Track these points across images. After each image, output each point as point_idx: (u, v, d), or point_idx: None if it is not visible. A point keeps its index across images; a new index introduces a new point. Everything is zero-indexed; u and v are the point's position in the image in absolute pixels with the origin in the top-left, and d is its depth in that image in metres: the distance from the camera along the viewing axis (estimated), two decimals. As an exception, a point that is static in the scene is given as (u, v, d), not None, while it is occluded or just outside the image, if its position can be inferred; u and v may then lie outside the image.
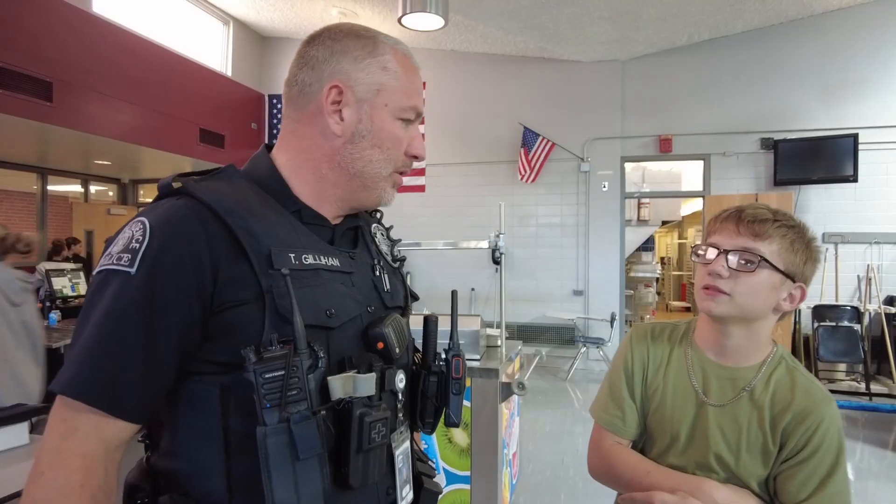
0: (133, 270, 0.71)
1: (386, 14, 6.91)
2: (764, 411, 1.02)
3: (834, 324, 5.93)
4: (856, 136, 6.13)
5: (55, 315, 4.86)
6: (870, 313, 6.03)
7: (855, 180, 6.13)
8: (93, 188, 9.04)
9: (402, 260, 1.02)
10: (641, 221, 9.60)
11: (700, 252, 1.05)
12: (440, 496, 0.99)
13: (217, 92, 7.53)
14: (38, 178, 7.70)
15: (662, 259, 14.37)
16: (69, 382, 0.69)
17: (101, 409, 0.69)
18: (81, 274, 5.47)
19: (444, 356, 0.96)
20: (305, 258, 0.79)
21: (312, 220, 0.86)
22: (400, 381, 0.85)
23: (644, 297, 10.04)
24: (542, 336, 7.15)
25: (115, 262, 0.72)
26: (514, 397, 3.08)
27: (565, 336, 7.19)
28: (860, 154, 6.11)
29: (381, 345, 0.82)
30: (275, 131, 8.43)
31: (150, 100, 6.37)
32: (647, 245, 10.44)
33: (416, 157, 0.90)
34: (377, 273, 0.92)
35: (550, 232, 7.44)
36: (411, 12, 4.59)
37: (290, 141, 0.88)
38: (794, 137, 6.43)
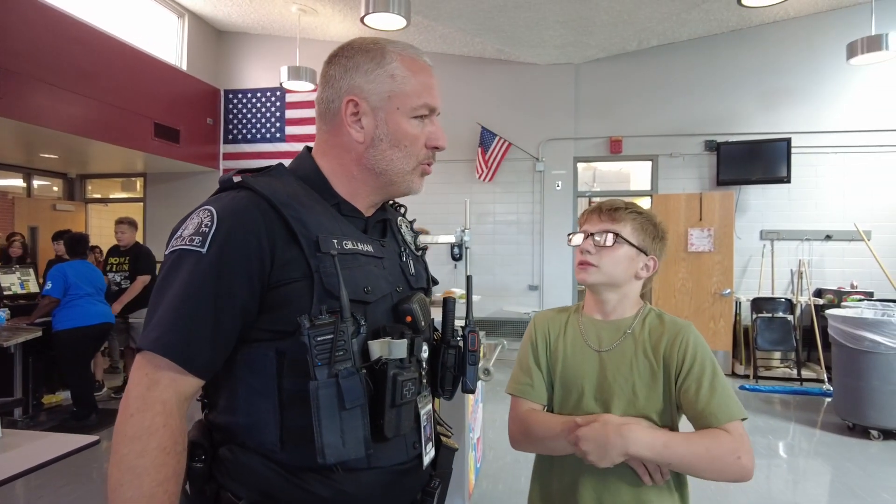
0: (204, 251, 0.84)
1: (347, 12, 6.94)
2: (644, 343, 1.24)
3: (770, 315, 6.35)
4: (789, 140, 6.57)
5: (3, 313, 4.70)
6: (801, 305, 6.48)
7: (788, 181, 6.58)
8: (36, 183, 8.69)
9: (424, 249, 1.16)
10: (593, 219, 9.95)
11: (572, 237, 1.33)
12: (456, 452, 1.13)
13: (172, 86, 7.39)
14: (-23, 172, 7.35)
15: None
16: (155, 341, 0.82)
17: (179, 364, 0.82)
18: (31, 271, 5.30)
19: (461, 332, 1.09)
20: (346, 244, 0.92)
21: (349, 213, 1.00)
22: (424, 351, 0.99)
23: (595, 293, 10.41)
24: (499, 329, 7.34)
25: (187, 243, 0.86)
26: (479, 383, 3.23)
27: (521, 329, 7.40)
28: (793, 157, 6.56)
29: (409, 318, 0.96)
30: (231, 126, 8.32)
31: (102, 92, 6.21)
32: (598, 242, 10.81)
33: (437, 148, 1.02)
34: (404, 259, 1.07)
35: (507, 229, 7.65)
36: (374, 12, 4.67)
37: (324, 149, 1.02)
38: (734, 140, 6.85)
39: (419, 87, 0.98)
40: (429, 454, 1.02)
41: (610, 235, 1.25)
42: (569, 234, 1.36)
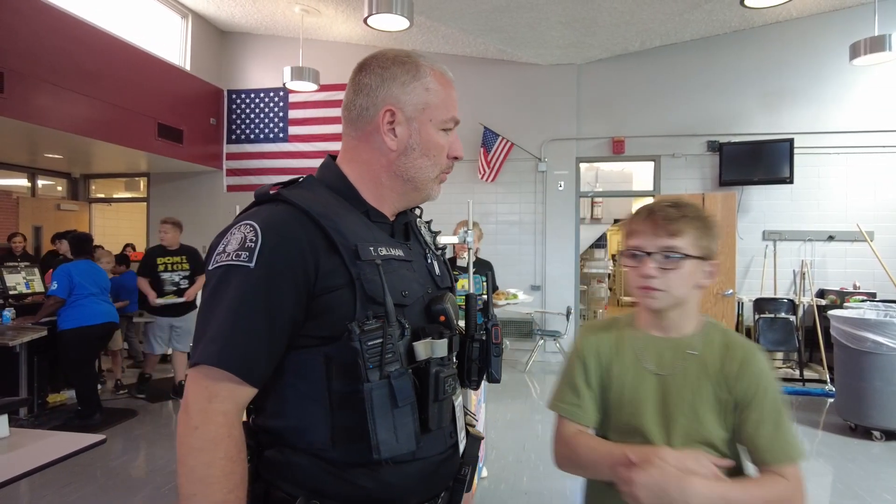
0: (252, 265, 0.87)
1: (350, 13, 6.96)
2: (709, 366, 1.13)
3: (772, 315, 6.35)
4: (791, 141, 6.57)
5: (8, 313, 4.73)
6: (803, 305, 6.48)
7: (791, 182, 6.58)
8: (40, 182, 8.73)
9: (444, 249, 1.20)
10: (595, 220, 9.94)
11: (628, 257, 1.18)
12: (482, 440, 1.19)
13: (175, 86, 7.42)
14: (-19, 172, 7.39)
15: (614, 256, 14.85)
16: (216, 355, 0.85)
17: (239, 376, 0.86)
18: (36, 271, 5.32)
19: (484, 326, 1.16)
20: (380, 250, 0.97)
21: (377, 218, 1.04)
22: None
23: (597, 293, 10.40)
24: (502, 330, 7.35)
25: (233, 258, 0.89)
26: (483, 383, 3.24)
27: (524, 329, 7.43)
28: (795, 157, 6.56)
29: (442, 318, 1.01)
30: (234, 126, 8.34)
31: (106, 93, 6.24)
32: (600, 242, 10.81)
33: (457, 158, 1.08)
34: (429, 260, 1.11)
35: (510, 229, 7.66)
36: (377, 13, 4.68)
37: (352, 155, 1.05)
38: (737, 141, 6.85)
39: (448, 101, 1.04)
40: (462, 442, 1.08)
41: (675, 256, 1.12)
42: (621, 252, 1.22)
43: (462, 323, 1.14)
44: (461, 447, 1.08)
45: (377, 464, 0.90)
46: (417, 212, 1.21)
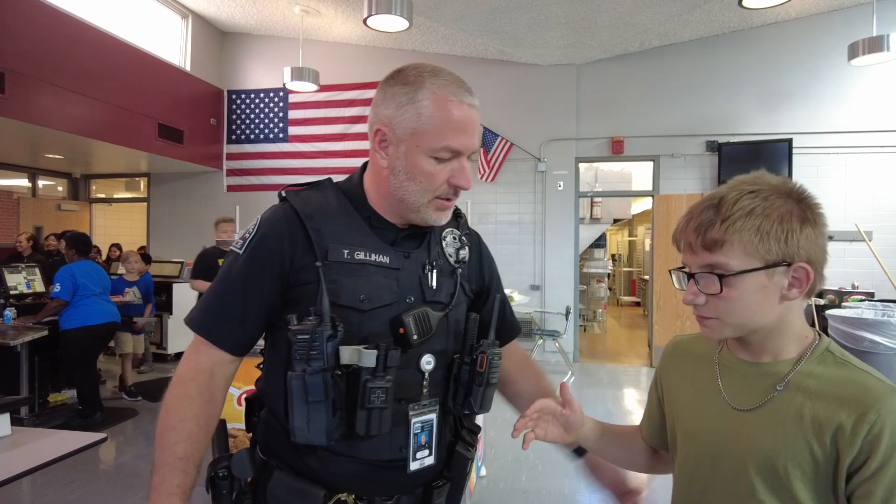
0: (241, 252, 1.04)
1: (350, 13, 6.97)
2: (807, 408, 0.83)
3: (771, 315, 6.35)
4: (790, 141, 6.59)
5: (10, 312, 4.75)
6: (802, 305, 6.48)
7: (790, 182, 6.58)
8: (41, 183, 8.75)
9: (463, 262, 1.14)
10: (594, 219, 9.97)
11: (674, 277, 0.94)
12: (470, 461, 1.15)
13: (175, 87, 7.44)
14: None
15: (613, 256, 14.87)
16: (196, 321, 1.04)
17: (211, 341, 1.03)
18: (37, 271, 5.34)
19: (471, 351, 1.09)
20: (357, 254, 1.01)
21: (379, 225, 1.06)
22: (427, 363, 1.04)
23: (596, 292, 10.42)
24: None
25: (235, 245, 1.07)
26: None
27: (523, 329, 7.44)
28: (794, 157, 6.58)
29: (401, 330, 0.99)
30: (234, 126, 8.36)
31: (107, 93, 6.26)
32: (600, 242, 10.82)
33: (459, 188, 1.03)
34: (425, 271, 1.07)
35: (509, 229, 7.67)
36: (377, 13, 4.69)
37: (370, 163, 1.10)
38: (735, 141, 6.86)
39: (444, 130, 0.98)
40: (419, 461, 1.05)
41: (714, 279, 0.84)
42: (671, 271, 0.96)
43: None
44: (416, 465, 1.04)
45: (313, 448, 0.99)
46: (461, 220, 1.19)
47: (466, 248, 1.16)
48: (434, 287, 1.07)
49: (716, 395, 0.93)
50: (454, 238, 1.14)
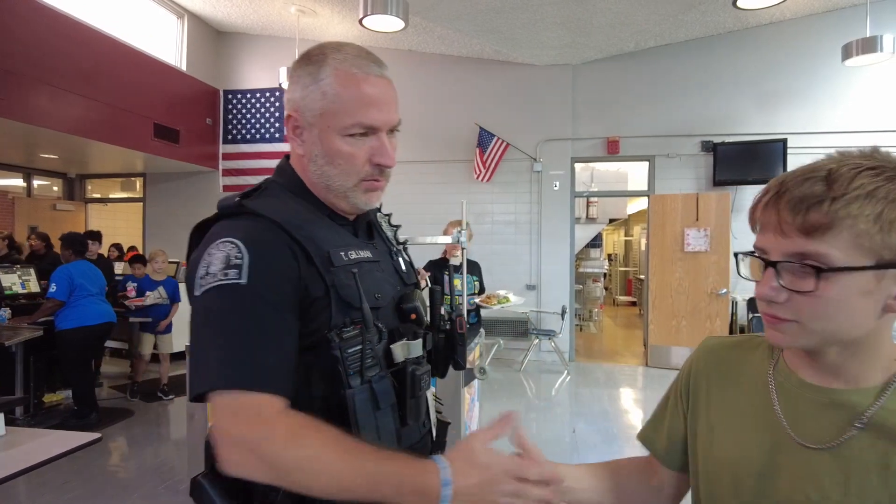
0: (245, 281, 0.82)
1: (346, 13, 6.97)
2: (895, 460, 0.66)
3: (765, 315, 6.39)
4: (785, 141, 6.62)
5: (4, 312, 4.74)
6: (797, 305, 6.52)
7: (784, 182, 6.61)
8: (36, 182, 8.72)
9: (404, 244, 1.18)
10: (590, 219, 10.00)
11: (740, 263, 0.74)
12: (449, 425, 1.21)
13: (171, 86, 7.42)
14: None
15: (609, 255, 14.90)
16: (218, 379, 0.78)
17: (260, 390, 0.78)
18: (32, 271, 5.33)
19: (448, 317, 1.15)
20: (350, 254, 0.95)
21: (339, 220, 1.01)
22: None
23: (592, 292, 10.44)
24: (497, 329, 7.38)
25: (222, 278, 0.83)
26: (475, 382, 3.26)
27: (519, 329, 7.45)
28: (789, 157, 6.60)
29: (413, 316, 1.01)
30: (230, 126, 8.35)
31: (102, 93, 6.24)
32: (595, 242, 10.85)
33: (381, 166, 0.96)
34: (394, 258, 1.10)
35: (505, 229, 7.68)
36: (372, 14, 4.69)
37: (291, 158, 1.03)
38: (731, 141, 6.89)
39: (352, 106, 0.92)
40: (431, 434, 1.12)
41: (808, 272, 0.65)
42: (736, 255, 0.76)
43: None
44: (433, 432, 1.13)
45: None
46: (379, 205, 1.14)
47: (398, 230, 1.19)
48: (406, 271, 1.11)
49: (771, 423, 0.75)
50: (387, 223, 1.17)
